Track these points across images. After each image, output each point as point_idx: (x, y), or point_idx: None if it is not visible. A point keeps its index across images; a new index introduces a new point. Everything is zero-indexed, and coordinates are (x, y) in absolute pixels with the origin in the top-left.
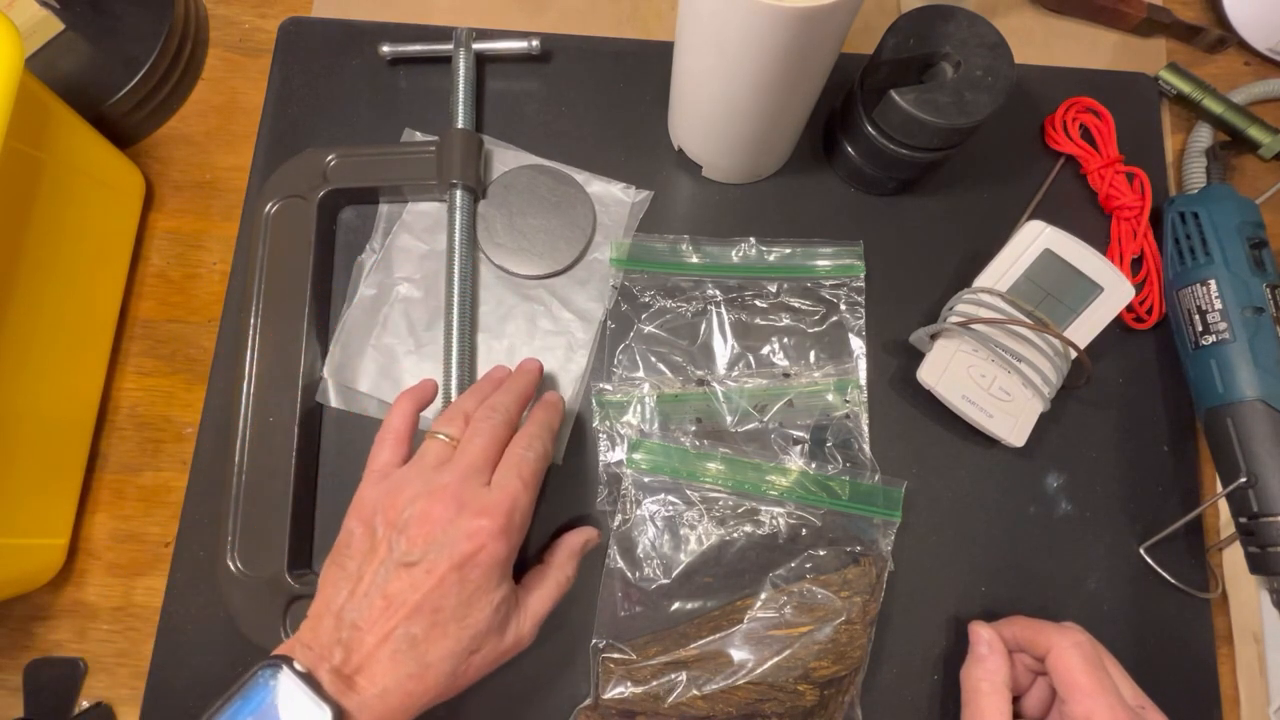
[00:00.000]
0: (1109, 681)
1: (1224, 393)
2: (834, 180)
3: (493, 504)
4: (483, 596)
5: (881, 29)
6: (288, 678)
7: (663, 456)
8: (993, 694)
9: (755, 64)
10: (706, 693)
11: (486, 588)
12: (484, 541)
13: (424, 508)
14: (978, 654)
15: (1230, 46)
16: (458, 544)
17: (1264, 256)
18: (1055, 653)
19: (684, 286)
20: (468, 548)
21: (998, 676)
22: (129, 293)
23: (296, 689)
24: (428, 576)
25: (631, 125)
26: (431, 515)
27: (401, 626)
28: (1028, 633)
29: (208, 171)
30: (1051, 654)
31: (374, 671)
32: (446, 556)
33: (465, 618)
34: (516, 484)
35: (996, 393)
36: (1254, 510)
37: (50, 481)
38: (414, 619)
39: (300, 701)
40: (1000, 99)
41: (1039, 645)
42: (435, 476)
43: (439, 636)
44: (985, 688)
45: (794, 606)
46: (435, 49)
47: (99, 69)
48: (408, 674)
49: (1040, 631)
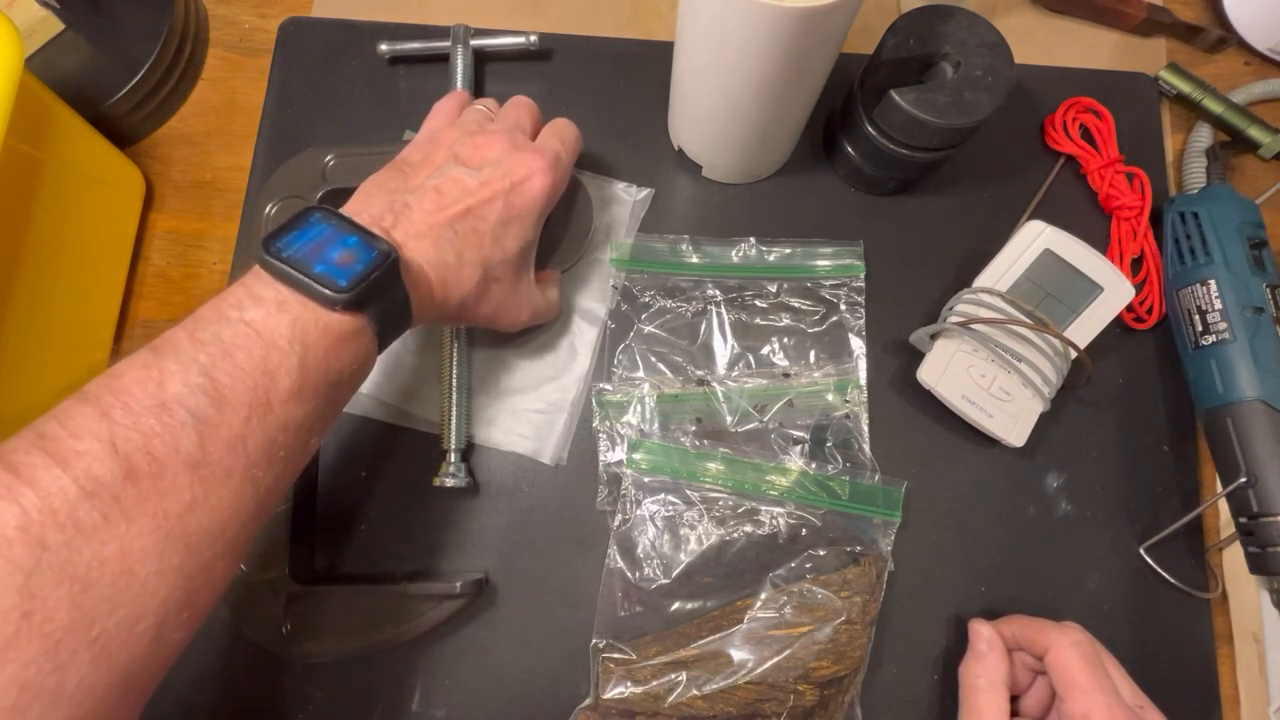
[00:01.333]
0: (1108, 680)
1: (1224, 393)
2: (834, 180)
3: (541, 149)
4: (517, 226)
5: (881, 29)
6: (343, 222)
7: (663, 456)
8: (990, 691)
9: (755, 64)
10: (706, 693)
11: (524, 220)
12: (535, 171)
13: (480, 140)
14: (977, 651)
15: (1230, 46)
16: (513, 169)
17: (1264, 256)
18: (1054, 651)
19: (684, 286)
20: (521, 173)
21: (996, 674)
22: (129, 293)
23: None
24: (482, 188)
25: (631, 125)
26: (489, 145)
27: (447, 218)
28: (1027, 631)
29: (208, 171)
30: (1050, 652)
31: (419, 246)
32: (501, 175)
33: (500, 238)
34: (557, 144)
35: (996, 393)
36: (1254, 510)
37: None
38: (460, 219)
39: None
40: (1000, 99)
41: (1038, 644)
42: (484, 125)
43: (474, 243)
44: (983, 684)
45: (794, 606)
46: (434, 46)
47: (99, 69)
48: (442, 260)
49: (1040, 630)
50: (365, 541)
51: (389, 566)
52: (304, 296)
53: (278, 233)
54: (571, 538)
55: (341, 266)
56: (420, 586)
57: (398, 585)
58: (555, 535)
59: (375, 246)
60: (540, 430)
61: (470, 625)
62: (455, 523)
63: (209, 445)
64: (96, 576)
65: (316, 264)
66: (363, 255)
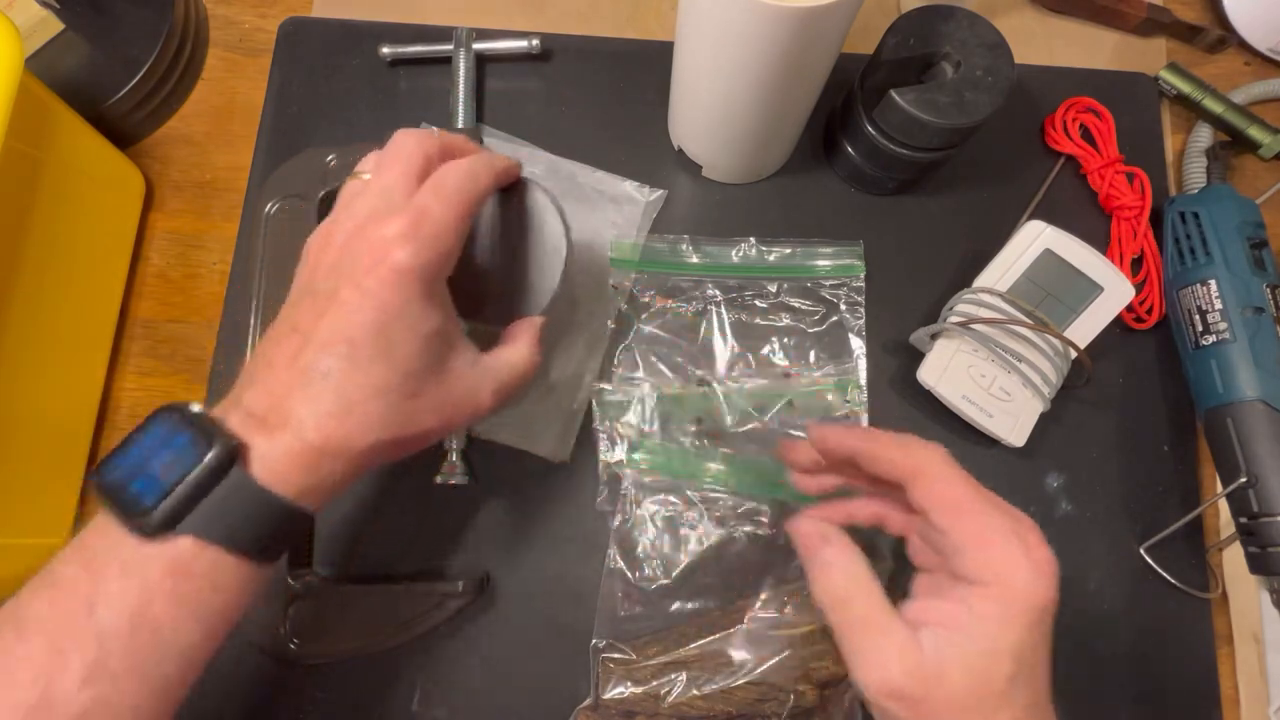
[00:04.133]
0: (989, 492)
1: (1224, 393)
2: (834, 180)
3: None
4: (401, 325)
5: (881, 29)
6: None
7: (663, 456)
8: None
9: (755, 64)
10: (706, 693)
11: (405, 314)
12: (386, 250)
13: (324, 236)
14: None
15: (1230, 46)
16: (359, 259)
17: (1264, 256)
18: (926, 477)
19: (684, 286)
20: (368, 261)
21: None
22: (129, 293)
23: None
24: (331, 301)
25: (631, 125)
26: (333, 242)
27: (312, 358)
28: (876, 448)
29: (208, 171)
30: (921, 478)
31: (288, 409)
32: (348, 275)
33: (389, 352)
34: (428, 197)
35: (996, 393)
36: (1254, 510)
37: (50, 481)
38: (325, 350)
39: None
40: (1000, 99)
41: (896, 467)
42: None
43: (354, 372)
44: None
45: (794, 606)
46: (435, 49)
47: (99, 69)
48: (327, 412)
49: (896, 448)
50: (365, 541)
51: (389, 566)
52: (118, 527)
53: (118, 445)
54: (571, 538)
55: (160, 478)
56: (421, 586)
57: (398, 585)
58: (555, 535)
59: (199, 441)
60: (544, 427)
61: (470, 625)
62: (455, 522)
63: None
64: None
65: (133, 482)
66: (184, 457)
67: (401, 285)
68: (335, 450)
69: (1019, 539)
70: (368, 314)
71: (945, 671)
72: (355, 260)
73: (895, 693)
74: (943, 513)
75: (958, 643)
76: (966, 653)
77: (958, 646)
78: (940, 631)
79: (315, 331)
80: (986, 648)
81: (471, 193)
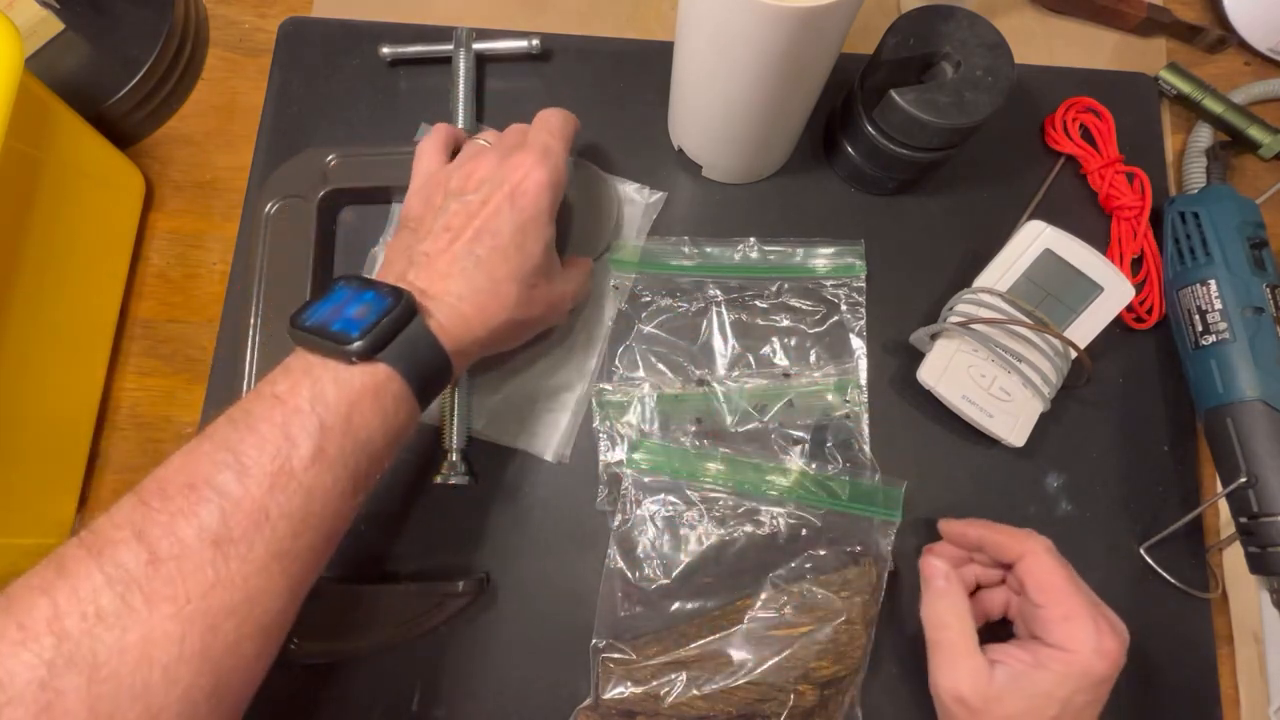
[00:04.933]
0: (1082, 583)
1: (1224, 393)
2: (834, 180)
3: (528, 146)
4: (534, 228)
5: (881, 29)
6: (362, 283)
7: (663, 456)
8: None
9: (755, 64)
10: (706, 693)
11: (536, 220)
12: (527, 169)
13: (470, 166)
14: (936, 588)
15: (1230, 46)
16: (507, 175)
17: (1264, 256)
18: (1030, 559)
19: (684, 286)
20: (515, 176)
21: (962, 607)
22: (129, 293)
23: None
24: (483, 205)
25: (631, 125)
26: (479, 166)
27: (465, 247)
28: (995, 537)
29: (208, 171)
30: (1025, 560)
31: (448, 286)
32: (498, 185)
33: (522, 246)
34: (544, 136)
35: (996, 393)
36: (1254, 510)
37: (50, 481)
38: (476, 241)
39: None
40: (1000, 99)
41: (1008, 551)
42: (475, 153)
43: (501, 260)
44: (951, 621)
45: (794, 606)
46: (435, 49)
47: (99, 69)
48: (478, 288)
49: (1008, 537)
50: (365, 541)
51: (389, 566)
52: (323, 357)
53: (303, 306)
54: (571, 538)
55: (356, 320)
56: (421, 586)
57: (398, 585)
58: (555, 535)
59: (388, 295)
60: (544, 427)
61: (470, 625)
62: (455, 522)
63: (231, 519)
64: (116, 665)
65: (334, 323)
66: (376, 305)
67: (539, 196)
68: (481, 321)
69: (1093, 622)
70: (514, 215)
71: (1004, 697)
72: (504, 177)
73: (960, 699)
74: (1038, 590)
75: (1021, 681)
76: (1025, 690)
77: (1019, 682)
78: (1010, 669)
79: (467, 228)
80: (1042, 690)
81: (569, 131)
